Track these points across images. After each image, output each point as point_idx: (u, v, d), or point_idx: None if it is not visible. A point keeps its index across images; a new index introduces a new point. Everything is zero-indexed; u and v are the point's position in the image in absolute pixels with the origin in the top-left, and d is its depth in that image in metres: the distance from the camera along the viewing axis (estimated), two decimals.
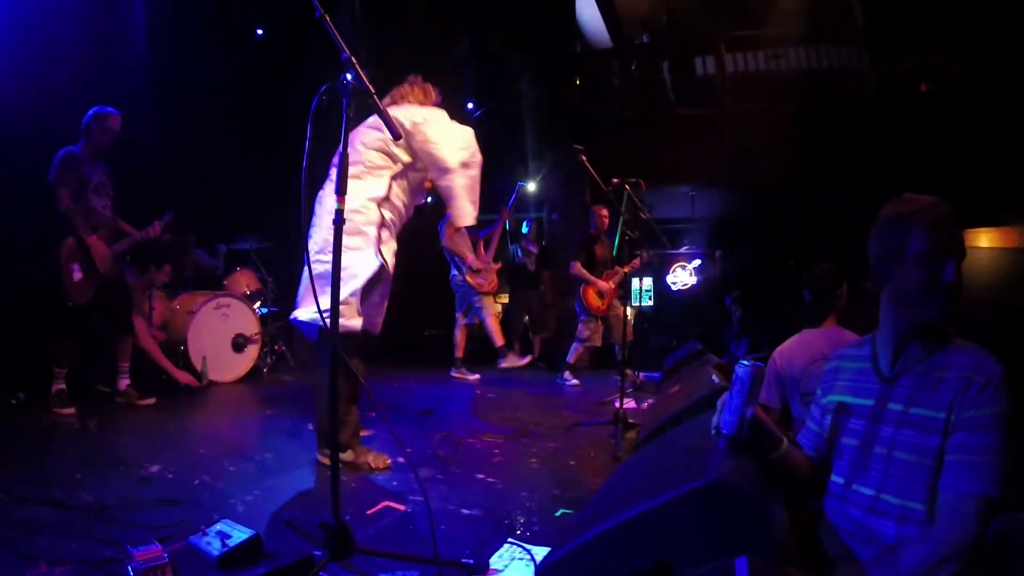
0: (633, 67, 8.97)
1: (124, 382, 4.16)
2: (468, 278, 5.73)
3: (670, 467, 1.59)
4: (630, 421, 3.62)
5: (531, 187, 8.11)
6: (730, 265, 8.21)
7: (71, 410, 3.75)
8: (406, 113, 2.89)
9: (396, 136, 2.08)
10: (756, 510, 1.10)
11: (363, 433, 3.17)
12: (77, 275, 3.77)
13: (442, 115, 3.00)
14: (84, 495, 2.35)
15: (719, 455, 1.32)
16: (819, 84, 7.85)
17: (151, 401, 4.12)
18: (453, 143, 2.90)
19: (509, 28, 8.39)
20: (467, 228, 5.38)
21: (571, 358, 5.79)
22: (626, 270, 5.18)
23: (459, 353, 6.00)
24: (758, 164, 7.19)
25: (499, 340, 5.68)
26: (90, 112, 3.84)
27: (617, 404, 3.67)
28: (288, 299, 6.35)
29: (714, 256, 8.29)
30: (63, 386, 3.82)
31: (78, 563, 1.79)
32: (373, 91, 1.83)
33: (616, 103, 8.97)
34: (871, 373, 1.42)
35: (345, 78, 1.81)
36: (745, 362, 1.31)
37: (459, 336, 6.01)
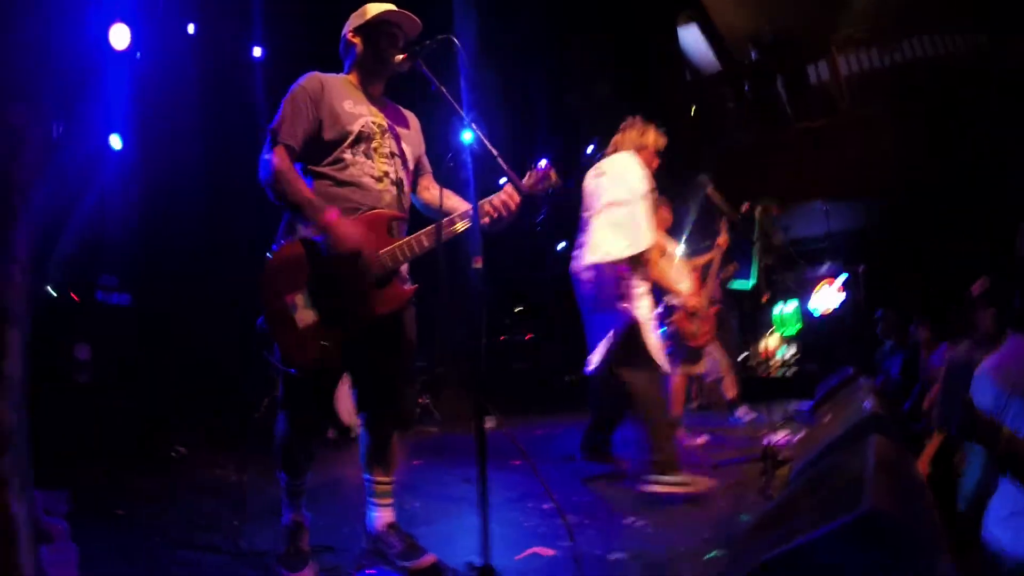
0: (746, 87, 8.74)
1: (386, 515, 2.34)
2: (687, 324, 4.56)
3: (823, 500, 1.51)
4: (780, 457, 3.40)
5: None
6: (876, 279, 7.55)
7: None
8: (604, 165, 3.35)
9: (520, 190, 2.14)
10: (916, 540, 1.02)
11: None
12: (303, 314, 1.95)
13: (625, 161, 3.30)
14: (241, 541, 2.51)
15: (875, 484, 1.24)
16: (941, 73, 7.13)
17: None
18: (610, 188, 3.19)
19: (616, 71, 8.52)
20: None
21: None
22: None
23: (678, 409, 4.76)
24: (891, 168, 6.62)
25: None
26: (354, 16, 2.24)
27: (767, 439, 3.50)
28: (429, 355, 6.73)
29: (857, 272, 7.67)
30: (298, 516, 2.24)
31: None
32: (496, 153, 1.88)
33: (734, 127, 8.75)
34: None
35: (468, 142, 1.87)
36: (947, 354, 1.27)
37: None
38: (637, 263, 3.14)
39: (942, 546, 1.04)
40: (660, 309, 4.58)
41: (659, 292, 4.12)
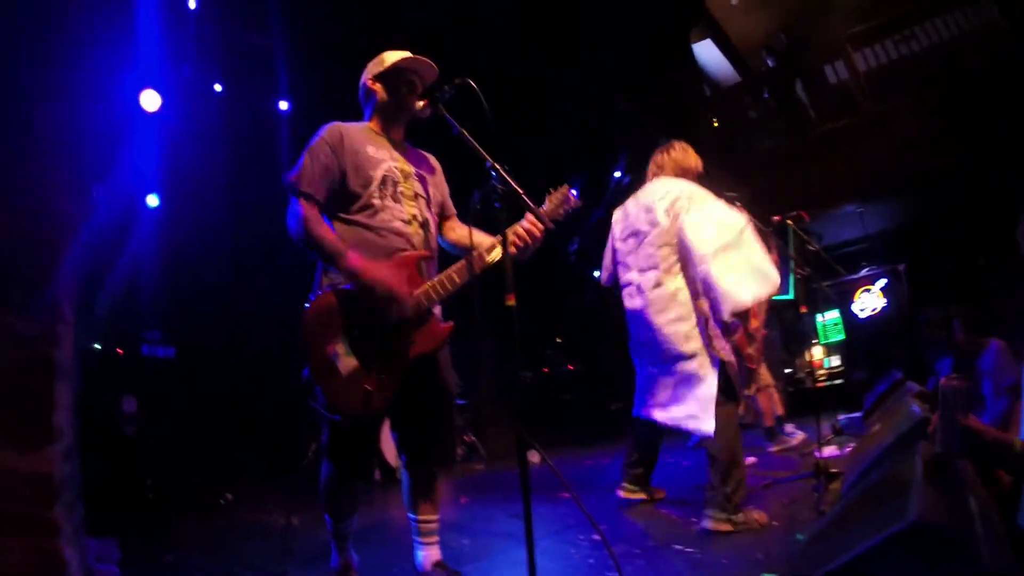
0: (766, 95, 8.69)
1: (433, 554, 2.30)
2: (746, 349, 4.63)
3: (873, 512, 1.45)
4: (832, 471, 3.28)
5: None
6: (920, 276, 7.30)
7: None
8: (667, 191, 3.05)
9: (547, 226, 2.11)
10: (965, 547, 0.96)
11: None
12: (345, 361, 1.99)
13: (703, 196, 3.02)
14: None
15: (920, 493, 1.18)
16: (959, 54, 6.94)
17: None
18: (711, 231, 2.86)
19: (634, 91, 8.57)
20: None
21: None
22: None
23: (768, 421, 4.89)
24: (919, 160, 6.44)
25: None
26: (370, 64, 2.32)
27: (817, 454, 3.38)
28: (473, 393, 6.71)
29: (898, 271, 7.43)
30: (346, 559, 2.40)
31: None
32: (521, 191, 1.88)
33: (758, 136, 8.67)
34: None
35: (494, 184, 1.87)
36: (944, 379, 1.25)
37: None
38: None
39: (999, 554, 0.98)
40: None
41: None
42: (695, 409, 2.93)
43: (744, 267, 2.82)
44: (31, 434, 1.81)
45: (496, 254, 2.11)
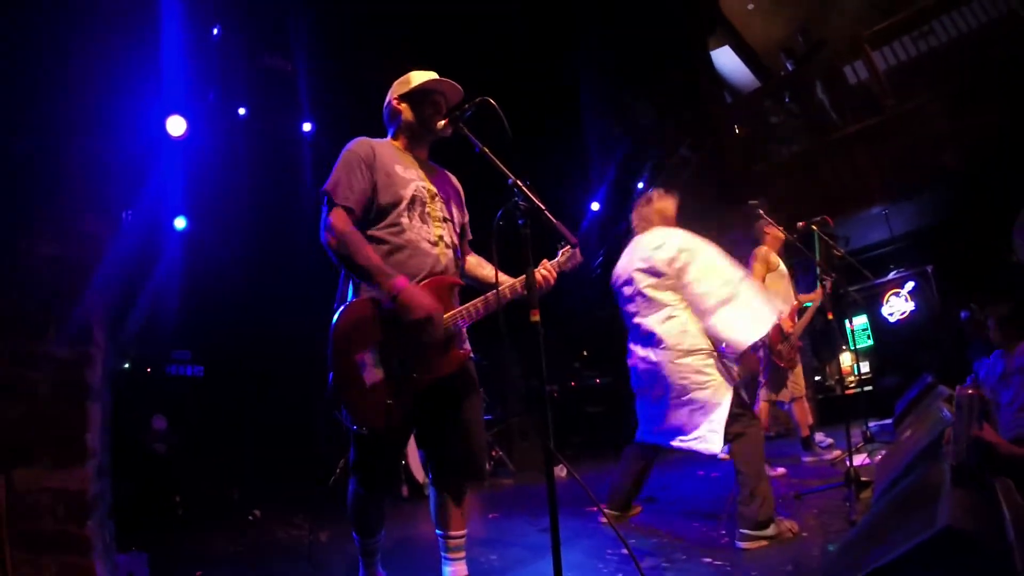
0: (787, 99, 8.60)
1: (459, 570, 2.25)
2: (777, 345, 4.60)
3: (904, 520, 1.42)
4: (863, 479, 3.21)
5: None
6: (951, 276, 7.11)
7: None
8: (662, 242, 3.14)
9: (574, 244, 2.15)
10: (997, 555, 0.94)
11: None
12: (372, 372, 1.99)
13: (700, 246, 3.11)
14: None
15: (950, 500, 1.16)
16: (980, 46, 6.79)
17: None
18: (712, 284, 2.99)
19: (655, 100, 8.56)
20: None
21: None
22: None
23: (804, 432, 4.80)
24: (944, 157, 6.28)
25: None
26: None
27: (848, 463, 3.30)
28: (499, 407, 6.70)
29: (926, 273, 7.25)
30: (374, 575, 2.41)
31: None
32: (544, 207, 1.87)
33: (781, 141, 8.58)
34: None
35: (517, 201, 1.86)
36: (960, 389, 1.22)
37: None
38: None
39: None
40: None
41: None
42: (705, 431, 2.98)
43: (744, 314, 2.95)
44: (65, 454, 1.86)
45: (514, 293, 2.16)
